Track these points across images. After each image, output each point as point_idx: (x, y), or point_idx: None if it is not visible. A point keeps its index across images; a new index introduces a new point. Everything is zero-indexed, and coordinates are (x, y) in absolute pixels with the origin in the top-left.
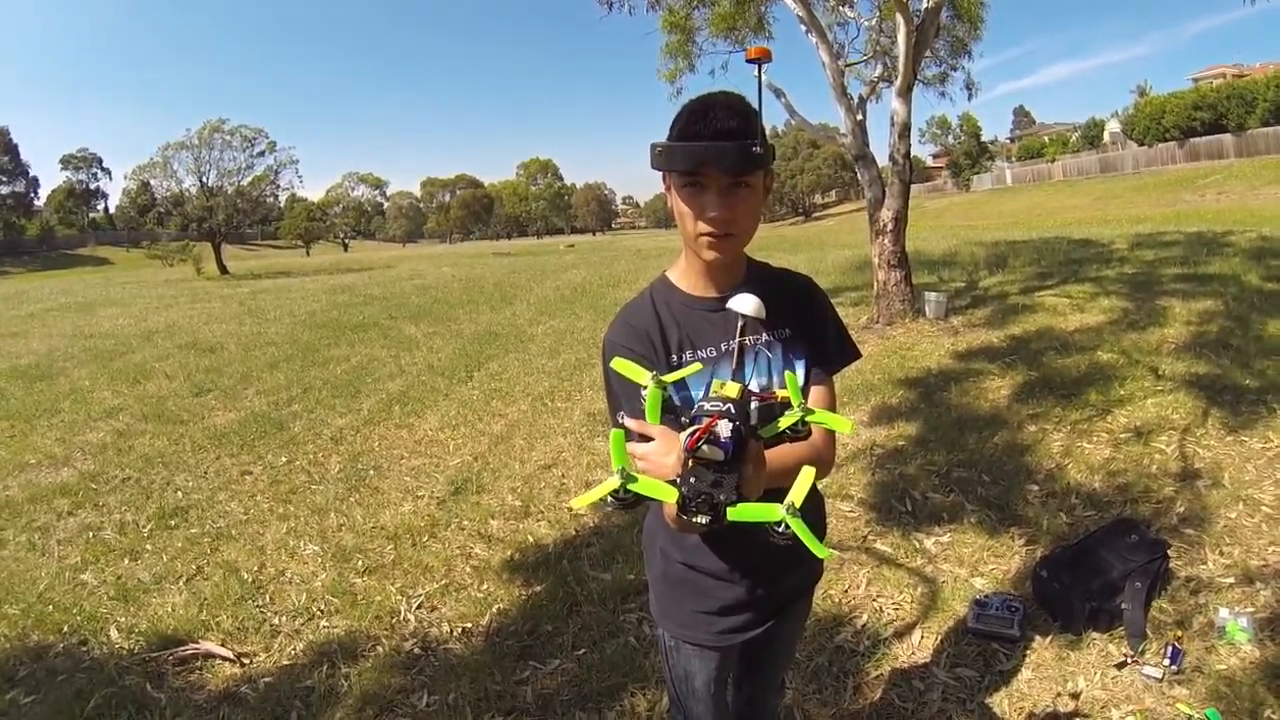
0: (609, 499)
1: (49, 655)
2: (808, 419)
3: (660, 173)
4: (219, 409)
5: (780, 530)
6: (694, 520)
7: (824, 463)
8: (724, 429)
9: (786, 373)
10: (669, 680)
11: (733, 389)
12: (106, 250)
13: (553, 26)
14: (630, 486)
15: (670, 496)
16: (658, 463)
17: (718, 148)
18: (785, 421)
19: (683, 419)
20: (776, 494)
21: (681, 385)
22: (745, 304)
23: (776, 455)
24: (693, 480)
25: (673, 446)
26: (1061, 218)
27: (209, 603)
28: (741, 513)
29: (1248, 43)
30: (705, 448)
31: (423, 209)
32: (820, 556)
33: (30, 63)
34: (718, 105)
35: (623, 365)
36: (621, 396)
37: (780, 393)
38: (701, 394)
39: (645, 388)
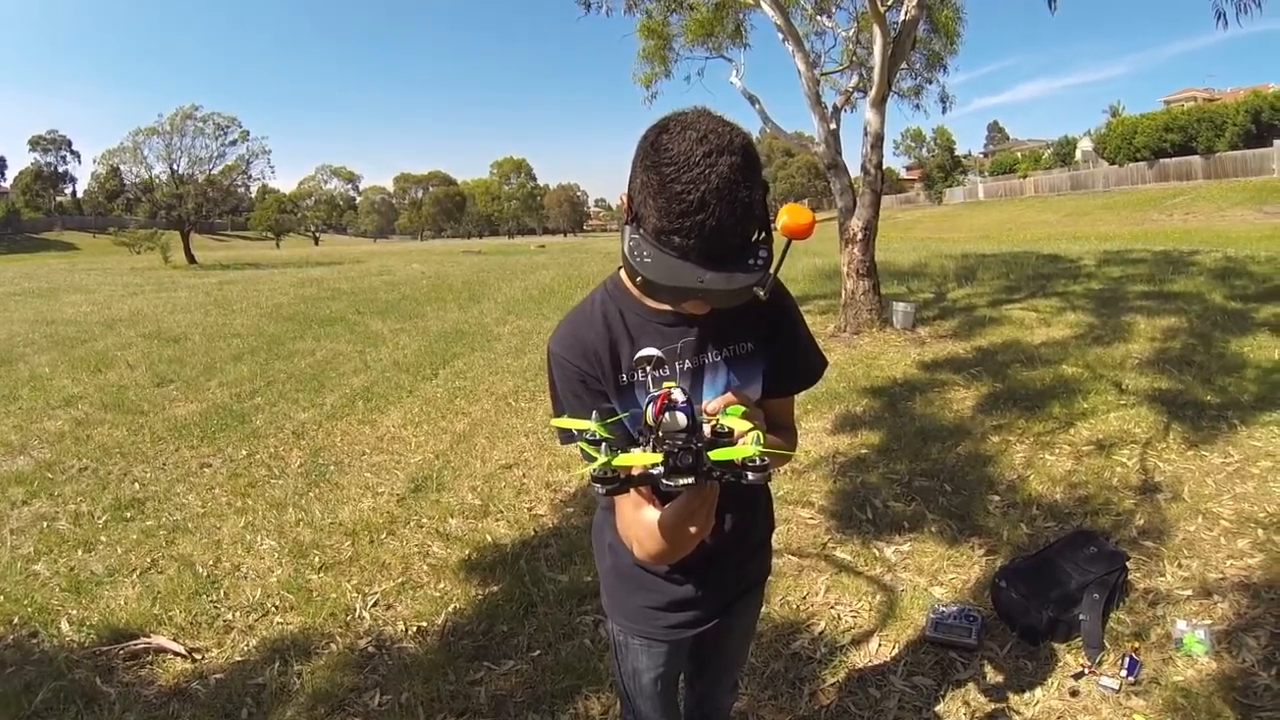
0: (595, 486)
1: None
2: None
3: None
4: (180, 400)
5: (756, 464)
6: (677, 483)
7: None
8: (679, 395)
9: (731, 402)
10: (618, 678)
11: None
12: (73, 235)
13: (530, 24)
14: (615, 462)
15: (654, 459)
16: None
17: (715, 294)
18: (739, 453)
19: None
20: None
21: (633, 402)
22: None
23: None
24: (667, 442)
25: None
26: (1032, 233)
27: (162, 596)
28: (721, 454)
29: (1219, 67)
30: (667, 416)
31: (395, 205)
32: (789, 455)
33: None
34: (713, 194)
35: (563, 422)
36: (569, 404)
37: (723, 419)
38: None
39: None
